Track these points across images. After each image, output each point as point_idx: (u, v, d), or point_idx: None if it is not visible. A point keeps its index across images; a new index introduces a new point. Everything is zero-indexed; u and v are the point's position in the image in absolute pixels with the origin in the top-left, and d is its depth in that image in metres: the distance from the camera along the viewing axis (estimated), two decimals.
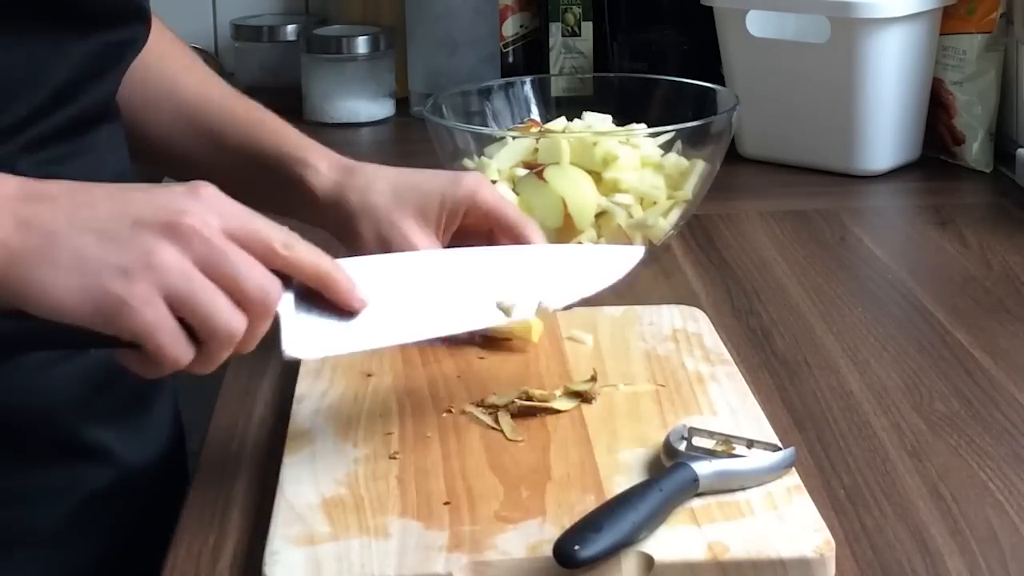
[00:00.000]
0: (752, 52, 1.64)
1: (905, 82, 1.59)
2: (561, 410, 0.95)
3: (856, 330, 1.16)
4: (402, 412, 0.97)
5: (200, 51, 2.06)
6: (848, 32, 1.55)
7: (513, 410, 0.95)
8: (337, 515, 0.83)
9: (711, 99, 1.39)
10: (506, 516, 0.82)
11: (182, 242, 0.77)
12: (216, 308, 0.78)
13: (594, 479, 0.86)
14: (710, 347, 1.06)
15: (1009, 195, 1.53)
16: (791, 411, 1.01)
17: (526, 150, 1.30)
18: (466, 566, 0.78)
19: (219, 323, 0.78)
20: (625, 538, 0.77)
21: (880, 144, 1.60)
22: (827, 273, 1.30)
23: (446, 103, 1.38)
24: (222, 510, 0.89)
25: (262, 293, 0.79)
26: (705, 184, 1.32)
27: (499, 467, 0.88)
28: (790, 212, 1.48)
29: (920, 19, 1.58)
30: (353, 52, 1.90)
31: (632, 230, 1.29)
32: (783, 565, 0.78)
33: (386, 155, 1.88)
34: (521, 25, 1.91)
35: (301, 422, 0.96)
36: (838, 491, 0.90)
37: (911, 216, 1.53)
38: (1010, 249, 1.35)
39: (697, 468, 0.83)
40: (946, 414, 1.00)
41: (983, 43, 1.60)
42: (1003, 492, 0.89)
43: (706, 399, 0.97)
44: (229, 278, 0.78)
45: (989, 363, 1.09)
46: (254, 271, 0.79)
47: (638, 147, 1.30)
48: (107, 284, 0.76)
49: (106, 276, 0.76)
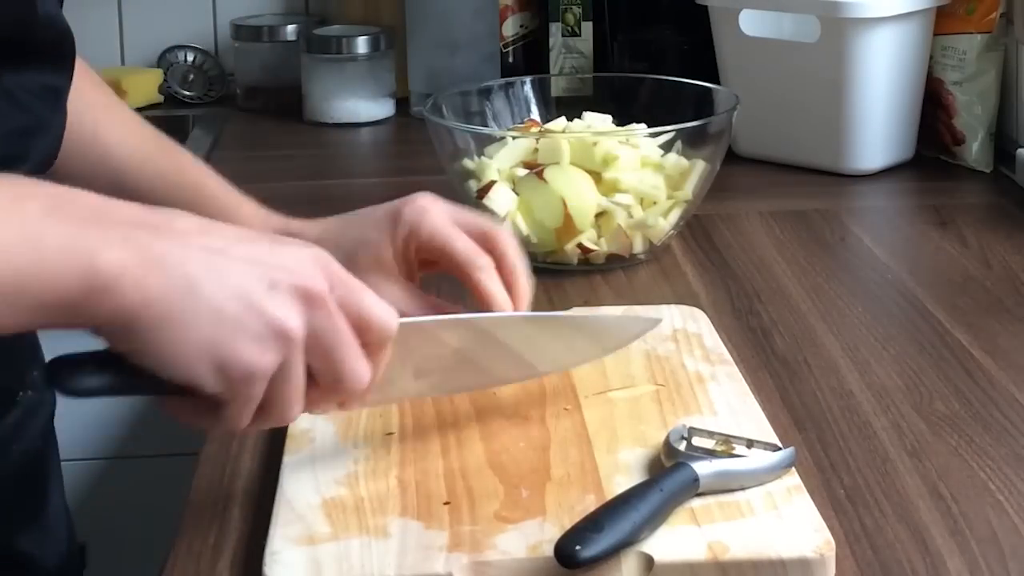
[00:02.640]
0: (745, 51, 1.64)
1: (896, 82, 1.59)
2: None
3: (856, 330, 1.16)
4: (402, 412, 0.96)
5: (200, 51, 2.07)
6: (838, 31, 1.55)
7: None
8: (337, 515, 0.83)
9: (711, 99, 1.39)
10: (506, 516, 0.82)
11: (309, 312, 0.75)
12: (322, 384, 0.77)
13: (594, 479, 0.86)
14: (710, 347, 1.06)
15: (1009, 195, 1.53)
16: (791, 411, 1.01)
17: (526, 150, 1.30)
18: (466, 566, 0.78)
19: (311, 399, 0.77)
20: (626, 538, 0.77)
21: (871, 143, 1.60)
22: (827, 273, 1.30)
23: (446, 103, 1.38)
24: (222, 510, 0.89)
25: (357, 383, 0.78)
26: (705, 184, 1.32)
27: (499, 467, 0.88)
28: (790, 212, 1.48)
29: (912, 19, 1.58)
30: (353, 52, 1.90)
31: (632, 230, 1.29)
32: (783, 565, 0.78)
33: (386, 155, 1.89)
34: (521, 25, 1.91)
35: (301, 422, 0.95)
36: (838, 491, 0.90)
37: (911, 216, 1.53)
38: (1010, 249, 1.35)
39: (697, 468, 0.83)
40: (946, 414, 1.00)
41: (983, 43, 1.60)
42: (1003, 492, 0.89)
43: (706, 399, 0.97)
44: (336, 360, 0.76)
45: (989, 363, 1.09)
46: (357, 362, 0.77)
47: (638, 147, 1.30)
48: (240, 350, 0.72)
49: (241, 341, 0.72)
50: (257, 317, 0.73)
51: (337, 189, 1.64)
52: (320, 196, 1.57)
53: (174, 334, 0.71)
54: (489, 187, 1.28)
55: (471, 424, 0.95)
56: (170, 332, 0.71)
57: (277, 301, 0.73)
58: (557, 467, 0.88)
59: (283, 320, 0.73)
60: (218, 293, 0.72)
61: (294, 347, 0.74)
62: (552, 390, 0.99)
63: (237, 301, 0.72)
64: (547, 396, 0.98)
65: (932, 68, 1.63)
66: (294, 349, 0.74)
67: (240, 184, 1.08)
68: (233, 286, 0.73)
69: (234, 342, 0.72)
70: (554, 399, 0.98)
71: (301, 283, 0.74)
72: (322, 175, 1.72)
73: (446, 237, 0.95)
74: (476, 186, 1.30)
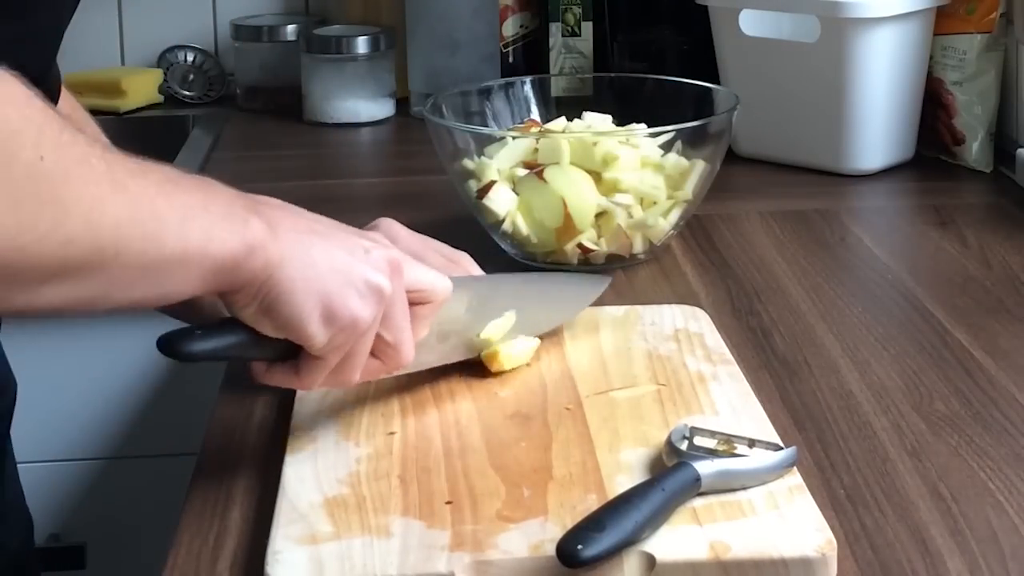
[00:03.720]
0: (745, 51, 1.64)
1: (896, 82, 1.59)
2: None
3: (856, 330, 1.16)
4: (404, 411, 0.97)
5: (200, 51, 2.07)
6: (838, 31, 1.56)
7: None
8: (339, 514, 0.83)
9: (711, 99, 1.39)
10: (508, 515, 0.82)
11: (394, 277, 0.87)
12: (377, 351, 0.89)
13: (596, 478, 0.87)
14: (712, 347, 1.06)
15: (1009, 195, 1.53)
16: (791, 411, 1.01)
17: (526, 150, 1.30)
18: (468, 565, 0.78)
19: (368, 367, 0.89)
20: (627, 537, 0.77)
21: (870, 143, 1.60)
22: (827, 273, 1.30)
23: (446, 103, 1.38)
24: (222, 510, 0.89)
25: (407, 356, 0.90)
26: (705, 184, 1.32)
27: (501, 466, 0.88)
28: (790, 212, 1.48)
29: (911, 19, 1.58)
30: (353, 52, 1.90)
31: (632, 230, 1.29)
32: (785, 565, 0.78)
33: (386, 155, 1.89)
34: (521, 25, 1.91)
35: (303, 421, 0.96)
36: (838, 491, 0.90)
37: (911, 216, 1.53)
38: (1010, 249, 1.35)
39: (699, 467, 0.83)
40: (946, 414, 1.00)
41: (983, 43, 1.60)
42: (1003, 492, 0.89)
43: (708, 398, 0.97)
44: (398, 328, 0.88)
45: (989, 363, 1.09)
46: (409, 334, 0.90)
47: (638, 147, 1.29)
48: (348, 300, 0.84)
49: (348, 294, 0.84)
50: (360, 274, 0.84)
51: (337, 189, 1.64)
52: (320, 196, 1.57)
53: (299, 285, 0.82)
54: (489, 187, 1.28)
55: (473, 423, 0.95)
56: (297, 283, 0.81)
57: (372, 263, 0.85)
58: (559, 466, 0.88)
59: (378, 279, 0.85)
60: (329, 253, 0.84)
61: (385, 304, 0.86)
62: (554, 389, 0.99)
63: (344, 261, 0.84)
64: (549, 395, 0.98)
65: (932, 68, 1.64)
66: (384, 306, 0.86)
67: (240, 184, 1.07)
68: (338, 249, 0.84)
69: (342, 294, 0.83)
70: (556, 398, 0.98)
71: (387, 253, 0.87)
72: (322, 175, 1.72)
73: (419, 255, 0.99)
74: (476, 186, 1.30)
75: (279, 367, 0.87)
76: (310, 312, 0.82)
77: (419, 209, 1.19)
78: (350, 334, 0.84)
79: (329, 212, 1.02)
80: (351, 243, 0.86)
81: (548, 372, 1.02)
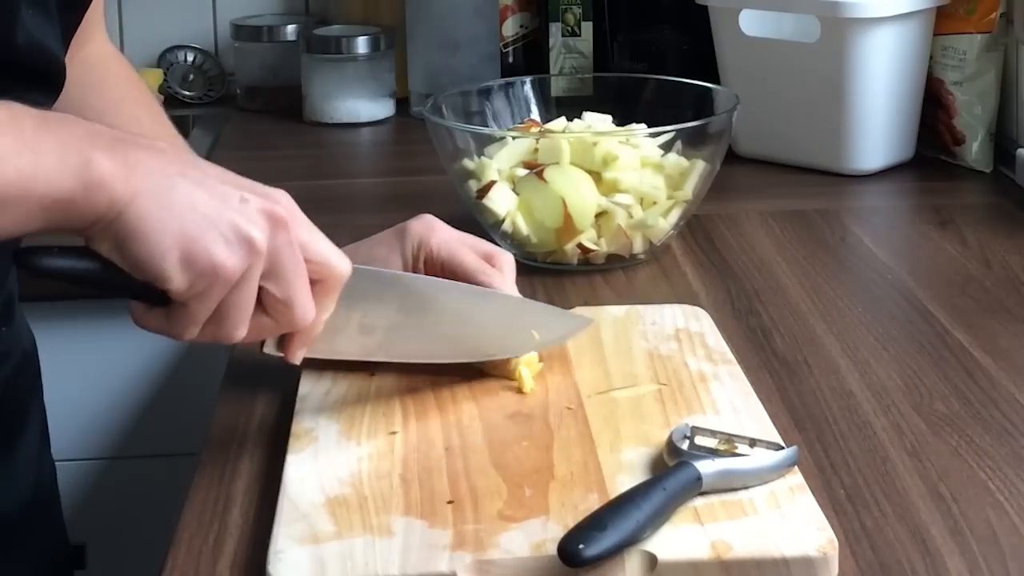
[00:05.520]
0: (745, 51, 1.64)
1: (896, 82, 1.59)
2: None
3: (856, 330, 1.16)
4: (405, 411, 0.97)
5: (200, 51, 2.07)
6: (838, 31, 1.56)
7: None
8: (341, 514, 0.83)
9: (711, 99, 1.39)
10: (510, 515, 0.82)
11: (273, 232, 0.82)
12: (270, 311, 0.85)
13: (597, 478, 0.87)
14: (713, 346, 1.06)
15: (1009, 195, 1.53)
16: (791, 411, 1.01)
17: (526, 150, 1.30)
18: (470, 565, 0.78)
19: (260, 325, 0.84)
20: (629, 537, 0.77)
21: (870, 143, 1.60)
22: (827, 273, 1.30)
23: (446, 103, 1.38)
24: (222, 510, 0.89)
25: (303, 315, 0.85)
26: (705, 184, 1.33)
27: (502, 466, 0.88)
28: (790, 212, 1.48)
29: (911, 19, 1.58)
30: (353, 52, 1.90)
31: (632, 230, 1.29)
32: (786, 564, 0.78)
33: (386, 155, 1.89)
34: (521, 25, 1.91)
35: (304, 421, 0.96)
36: (838, 491, 0.90)
37: (911, 216, 1.53)
38: (1010, 249, 1.35)
39: (700, 467, 0.83)
40: (946, 414, 1.00)
41: (983, 43, 1.60)
42: (1003, 492, 0.90)
43: (709, 398, 0.97)
44: (288, 286, 0.84)
45: (989, 363, 1.09)
46: (306, 296, 0.85)
47: (638, 147, 1.30)
48: (209, 246, 0.80)
49: (210, 239, 0.80)
50: (227, 222, 0.81)
51: (337, 189, 1.64)
52: (320, 196, 1.57)
53: (152, 224, 0.79)
54: (489, 187, 1.28)
55: (474, 423, 0.95)
56: (149, 223, 0.79)
57: (247, 213, 0.81)
58: (560, 466, 0.88)
59: (250, 229, 0.81)
60: (195, 194, 0.81)
61: (256, 258, 0.81)
62: (555, 389, 0.99)
63: (211, 205, 0.81)
64: (550, 395, 0.99)
65: (932, 68, 1.64)
66: (256, 260, 0.81)
67: None
68: (208, 192, 0.81)
69: (204, 239, 0.80)
70: (557, 398, 0.98)
71: (269, 206, 0.82)
72: (322, 175, 1.72)
73: (456, 247, 1.04)
74: (476, 186, 1.30)
75: (153, 312, 0.84)
76: (164, 252, 0.79)
77: (419, 209, 1.18)
78: (213, 281, 0.81)
79: (329, 212, 1.03)
80: (224, 191, 0.82)
81: (549, 372, 1.02)
